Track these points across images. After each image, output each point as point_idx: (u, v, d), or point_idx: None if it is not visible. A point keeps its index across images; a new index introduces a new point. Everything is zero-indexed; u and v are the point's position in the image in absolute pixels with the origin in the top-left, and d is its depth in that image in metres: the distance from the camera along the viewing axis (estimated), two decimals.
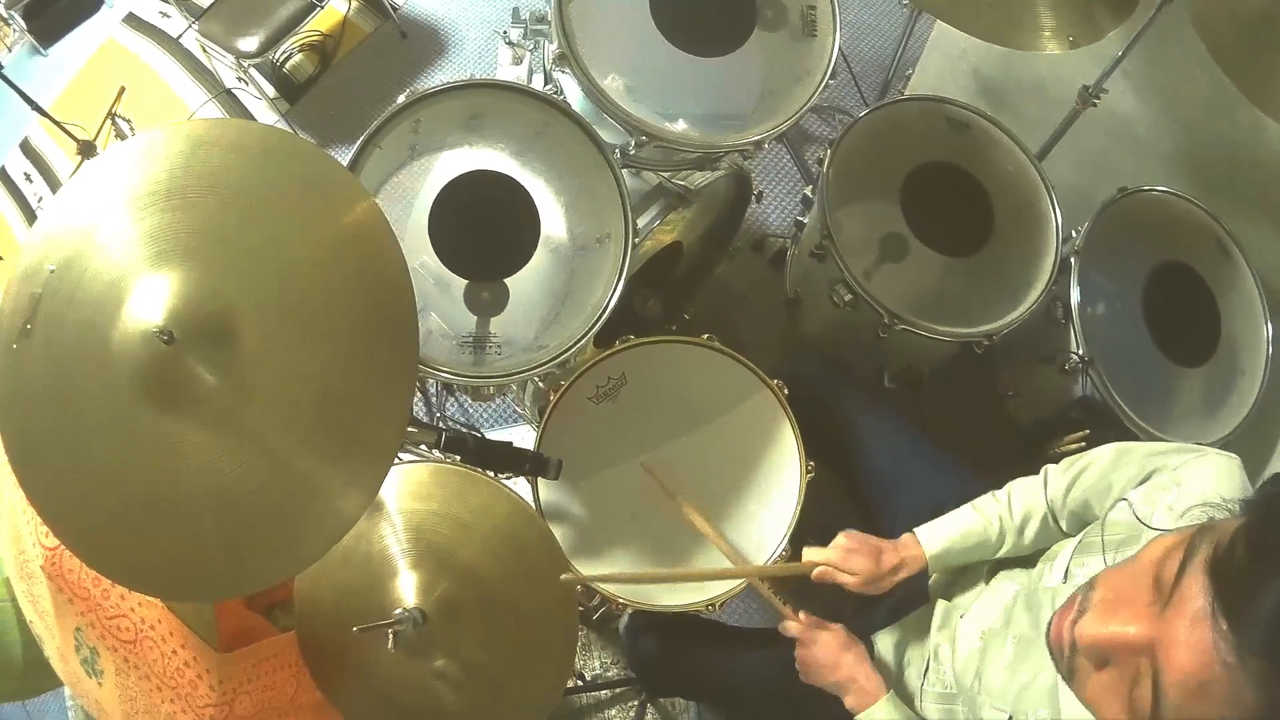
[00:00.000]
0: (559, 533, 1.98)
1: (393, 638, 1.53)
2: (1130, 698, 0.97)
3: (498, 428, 3.28)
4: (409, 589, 1.63)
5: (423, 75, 4.05)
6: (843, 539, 1.85)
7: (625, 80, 2.04)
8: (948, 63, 3.39)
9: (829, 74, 2.15)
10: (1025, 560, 1.75)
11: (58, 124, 3.16)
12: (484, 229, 1.96)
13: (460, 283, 1.92)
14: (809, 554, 1.86)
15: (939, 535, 1.82)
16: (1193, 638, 0.90)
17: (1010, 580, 1.73)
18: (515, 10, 2.55)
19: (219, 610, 1.68)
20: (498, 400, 3.25)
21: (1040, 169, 2.55)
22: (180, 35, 4.25)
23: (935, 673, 1.75)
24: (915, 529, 1.85)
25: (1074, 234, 2.47)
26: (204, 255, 1.28)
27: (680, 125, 2.06)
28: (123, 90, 3.24)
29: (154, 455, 1.27)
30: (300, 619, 1.68)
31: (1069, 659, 1.07)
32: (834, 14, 2.21)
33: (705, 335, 2.12)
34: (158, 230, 1.28)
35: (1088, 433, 2.40)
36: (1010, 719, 1.43)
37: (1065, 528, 1.72)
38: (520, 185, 1.97)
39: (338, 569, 1.66)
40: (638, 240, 2.02)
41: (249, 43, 3.59)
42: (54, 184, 4.03)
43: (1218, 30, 2.00)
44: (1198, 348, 2.45)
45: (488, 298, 1.93)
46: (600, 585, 1.97)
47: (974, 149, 2.56)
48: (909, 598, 1.92)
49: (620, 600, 1.98)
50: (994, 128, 2.59)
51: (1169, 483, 1.46)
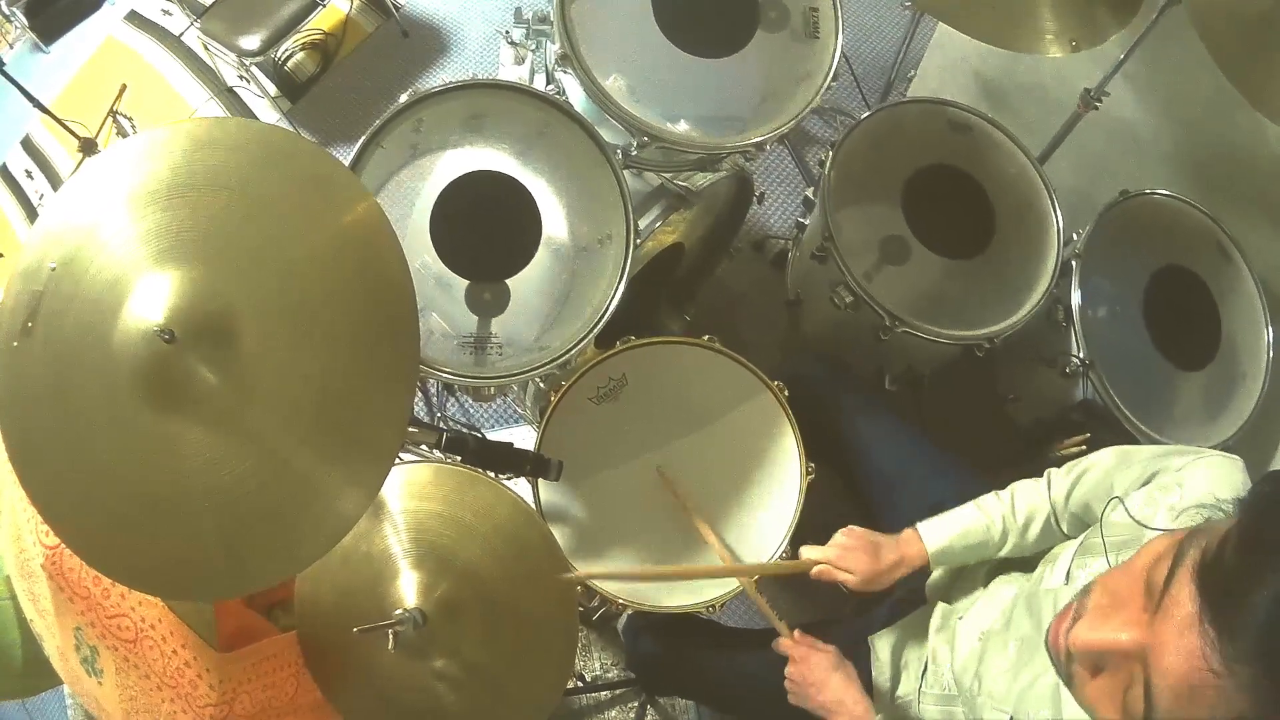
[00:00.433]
0: (559, 534, 1.98)
1: (393, 638, 1.53)
2: (1124, 702, 0.98)
3: (498, 428, 3.28)
4: (409, 589, 1.63)
5: (425, 75, 4.05)
6: (841, 536, 1.85)
7: (627, 81, 2.04)
8: (949, 65, 3.40)
9: (831, 76, 2.15)
10: (1024, 564, 1.75)
11: (59, 121, 3.16)
12: (485, 229, 1.96)
13: (461, 283, 1.92)
14: (806, 552, 1.86)
15: (941, 531, 1.81)
16: (1181, 644, 0.91)
17: (1009, 583, 1.73)
18: (517, 10, 2.55)
19: (219, 610, 1.68)
20: (498, 401, 3.25)
21: (1041, 171, 2.55)
22: (182, 33, 4.25)
23: (933, 674, 1.74)
24: (917, 524, 1.84)
25: (1075, 237, 2.47)
26: (205, 254, 1.28)
27: (682, 126, 2.06)
28: (124, 88, 3.24)
29: (154, 454, 1.27)
30: (300, 619, 1.68)
31: (1066, 665, 1.08)
32: (836, 16, 2.21)
33: (706, 336, 2.12)
34: (159, 229, 1.28)
35: (1088, 436, 2.40)
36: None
37: (1066, 530, 1.72)
38: (522, 185, 1.97)
39: (338, 569, 1.66)
40: (639, 241, 2.02)
41: (251, 41, 3.60)
42: (55, 181, 4.03)
43: (1218, 33, 2.00)
44: (1199, 351, 2.45)
45: (489, 298, 1.93)
46: (599, 584, 1.97)
47: (975, 151, 2.56)
48: (907, 600, 1.92)
49: (620, 601, 1.98)
50: (995, 130, 2.58)
51: (1171, 485, 1.46)
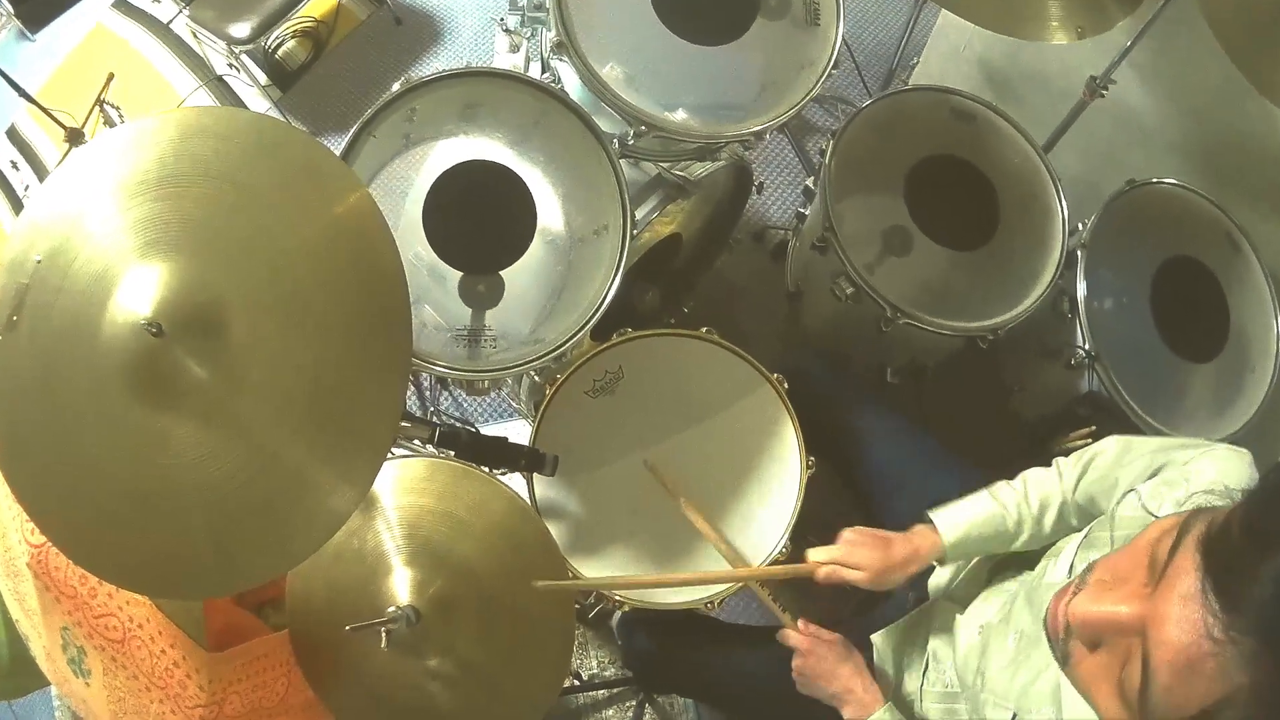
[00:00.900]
0: (555, 530, 1.98)
1: (386, 636, 1.53)
2: (1121, 678, 0.98)
3: (493, 422, 3.28)
4: (403, 586, 1.63)
5: (418, 63, 4.04)
6: (848, 534, 1.83)
7: (624, 69, 2.04)
8: (953, 52, 3.39)
9: (832, 63, 2.15)
10: (1027, 561, 1.74)
11: (45, 111, 3.15)
12: (479, 220, 1.96)
13: (455, 275, 1.92)
14: (813, 554, 1.85)
15: (958, 520, 1.78)
16: (1183, 615, 0.90)
17: (1011, 580, 1.73)
18: None
19: (208, 608, 1.68)
20: (493, 394, 3.25)
21: (1046, 161, 2.55)
22: (171, 21, 4.23)
23: (935, 672, 1.74)
24: (931, 514, 1.82)
25: (1080, 227, 2.47)
26: (194, 246, 1.28)
27: (680, 115, 2.06)
28: (111, 77, 3.23)
29: (142, 450, 1.27)
30: (292, 617, 1.68)
31: (1063, 643, 1.07)
32: (837, 2, 2.20)
33: (704, 328, 2.12)
34: (147, 220, 1.28)
35: (1094, 429, 2.40)
36: (1015, 717, 1.43)
37: (1075, 522, 1.71)
38: (517, 176, 1.97)
39: (330, 566, 1.66)
40: (636, 232, 2.02)
41: (241, 29, 3.58)
42: (41, 172, 4.02)
43: (1227, 20, 2.00)
44: (1206, 343, 2.45)
45: (483, 290, 1.92)
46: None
47: (979, 140, 2.55)
48: (909, 598, 1.92)
49: (616, 597, 1.98)
50: (999, 119, 2.58)
51: (1178, 478, 1.45)
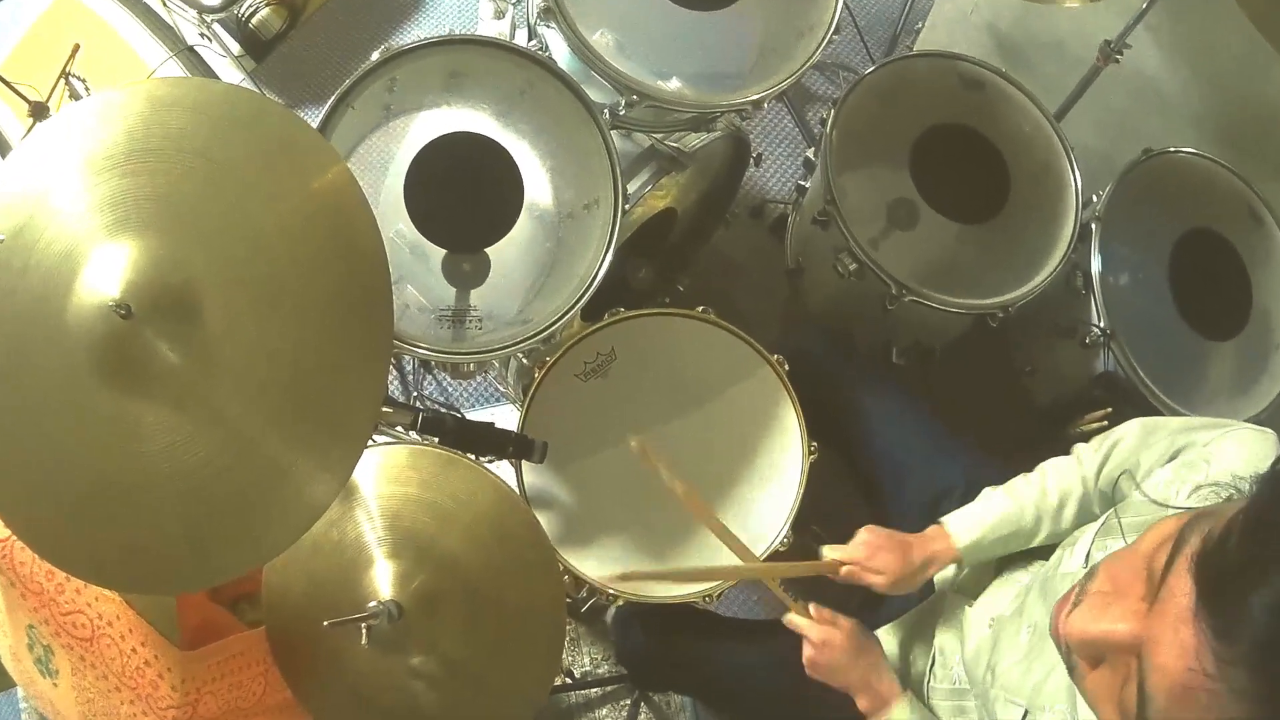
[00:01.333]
0: (545, 520, 1.98)
1: (366, 632, 1.53)
2: (1120, 698, 0.96)
3: (479, 407, 3.27)
4: (384, 580, 1.63)
5: (398, 31, 4.02)
6: (865, 535, 1.83)
7: (615, 36, 2.04)
8: (960, 17, 3.38)
9: (833, 29, 2.14)
10: (1039, 551, 1.75)
11: (8, 84, 3.14)
12: (464, 195, 1.96)
13: (439, 252, 1.92)
14: (830, 552, 1.84)
15: (971, 523, 1.79)
16: (1176, 640, 0.88)
17: (1023, 570, 1.73)
18: None
19: (181, 604, 1.68)
20: (479, 378, 3.25)
21: (1059, 130, 2.55)
22: None
23: (942, 668, 1.75)
24: (943, 519, 1.83)
25: (1095, 199, 2.47)
26: (164, 223, 1.28)
27: (674, 84, 2.06)
28: (77, 48, 3.22)
29: (111, 438, 1.27)
30: (268, 613, 1.68)
31: (1068, 655, 1.07)
32: None
33: (700, 308, 2.12)
34: (115, 197, 1.27)
35: (1110, 411, 2.40)
36: (1027, 714, 1.42)
37: (1099, 511, 1.71)
38: (502, 148, 1.96)
39: (308, 559, 1.66)
40: (628, 206, 2.01)
41: None
42: (4, 148, 4.01)
43: None
44: (1227, 320, 2.45)
45: (468, 268, 1.92)
46: (590, 573, 1.97)
47: (988, 109, 2.55)
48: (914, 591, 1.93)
49: (611, 591, 1.98)
50: (1009, 86, 2.58)
51: (1198, 460, 1.45)
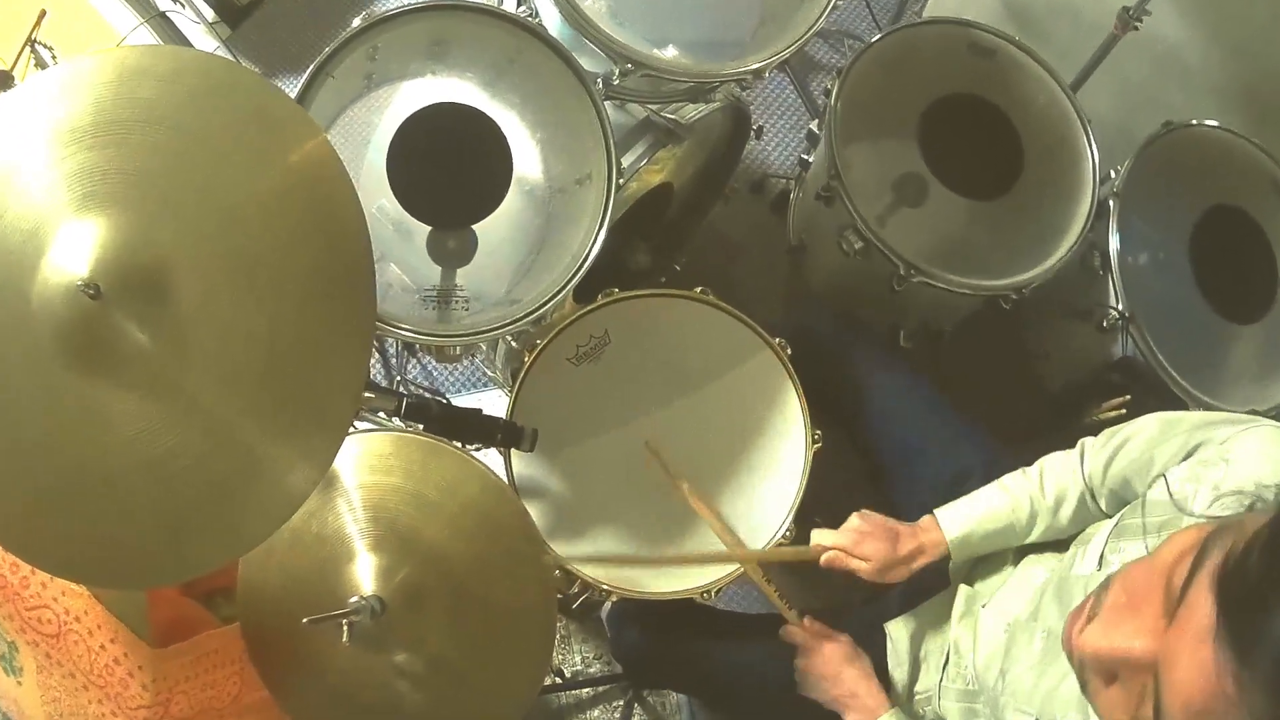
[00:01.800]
0: (535, 511, 1.98)
1: (348, 629, 1.52)
2: (1135, 716, 0.97)
3: (465, 393, 3.28)
4: (366, 574, 1.63)
5: None
6: (856, 520, 1.85)
7: (609, 1, 2.03)
8: None
9: None
10: (1056, 543, 1.75)
11: None
12: (449, 169, 1.96)
13: (423, 229, 1.92)
14: (817, 537, 1.86)
15: (961, 518, 1.81)
16: (1195, 659, 0.88)
17: (1039, 565, 1.73)
18: None
19: (152, 599, 1.68)
20: (465, 362, 3.25)
21: (1075, 101, 2.55)
22: None
23: (955, 666, 1.75)
24: (935, 510, 1.85)
25: (1113, 174, 2.47)
26: (135, 199, 1.28)
27: (670, 52, 2.06)
28: (43, 14, 3.20)
29: (79, 425, 1.27)
30: (244, 608, 1.68)
31: (1081, 670, 1.07)
32: None
33: (698, 288, 2.12)
34: (83, 171, 1.27)
35: (1128, 398, 2.40)
36: None
37: (1105, 508, 1.72)
38: (490, 120, 1.96)
39: (286, 552, 1.66)
40: (622, 181, 2.01)
41: None
42: None
43: None
44: (1253, 302, 2.45)
45: (454, 246, 1.93)
46: (582, 568, 1.97)
47: (1000, 78, 2.55)
48: (926, 583, 1.93)
49: (604, 586, 1.99)
50: (1023, 54, 2.58)
51: (1216, 458, 1.44)
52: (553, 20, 2.14)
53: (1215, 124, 2.53)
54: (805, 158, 2.88)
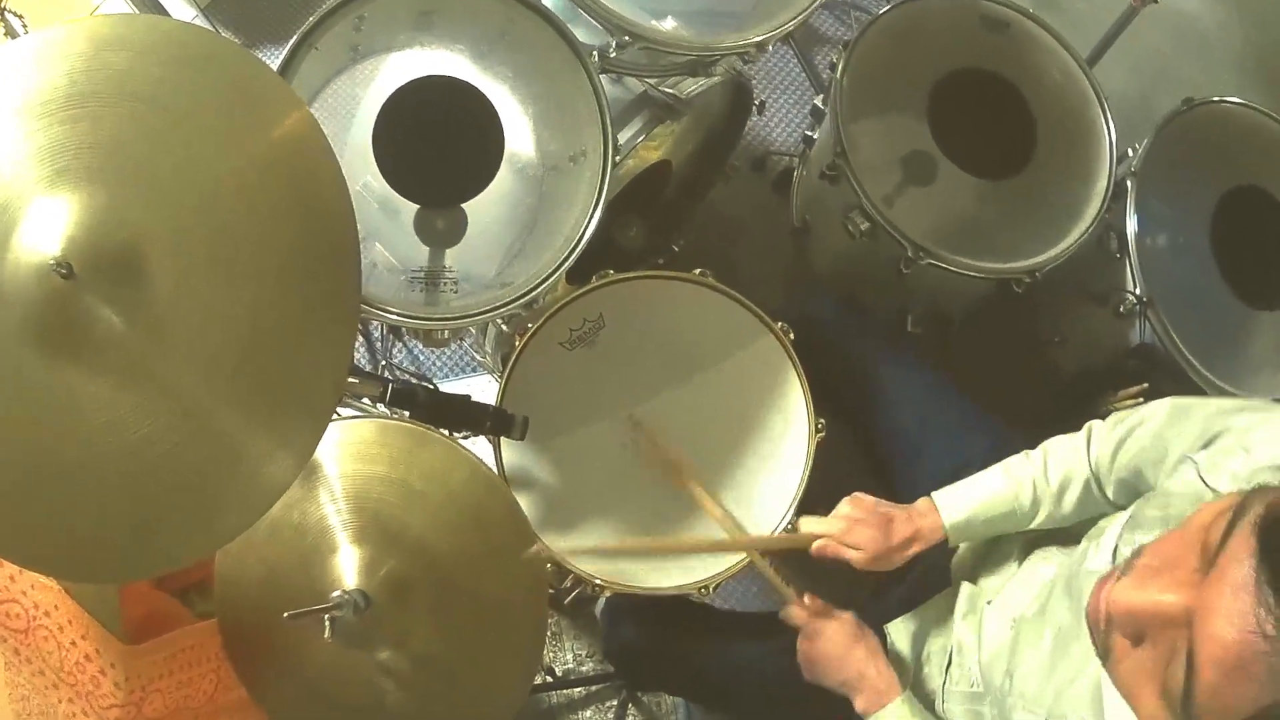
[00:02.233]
0: (525, 502, 1.98)
1: (329, 625, 1.52)
2: (1163, 677, 0.98)
3: (454, 378, 3.28)
4: (349, 568, 1.63)
5: None
6: (846, 506, 1.86)
7: None
8: None
9: None
10: (1065, 536, 1.75)
11: None
12: (438, 145, 1.95)
13: (410, 208, 1.91)
14: (806, 524, 1.87)
15: (960, 501, 1.81)
16: (1233, 607, 0.90)
17: (1047, 562, 1.73)
18: None
19: (125, 594, 1.68)
20: (453, 346, 3.25)
21: (1091, 76, 2.55)
22: None
23: (959, 668, 1.75)
24: (933, 493, 1.85)
25: (1131, 153, 2.46)
26: (109, 175, 1.27)
27: (669, 23, 2.05)
28: None
29: (50, 412, 1.27)
30: (221, 603, 1.68)
31: (1104, 635, 1.07)
32: None
33: (698, 270, 2.12)
34: (54, 145, 1.27)
35: (1146, 386, 2.40)
36: None
37: (1112, 496, 1.71)
38: (480, 94, 1.95)
39: (265, 544, 1.66)
40: (618, 158, 2.01)
41: None
42: None
43: None
44: (1276, 287, 2.45)
45: (442, 226, 1.92)
46: (571, 561, 1.97)
47: (1013, 52, 2.55)
48: (928, 580, 1.93)
49: (598, 581, 1.99)
50: (1037, 27, 2.58)
51: (1234, 447, 1.44)
52: None
53: (1238, 101, 2.53)
54: (809, 134, 2.88)
